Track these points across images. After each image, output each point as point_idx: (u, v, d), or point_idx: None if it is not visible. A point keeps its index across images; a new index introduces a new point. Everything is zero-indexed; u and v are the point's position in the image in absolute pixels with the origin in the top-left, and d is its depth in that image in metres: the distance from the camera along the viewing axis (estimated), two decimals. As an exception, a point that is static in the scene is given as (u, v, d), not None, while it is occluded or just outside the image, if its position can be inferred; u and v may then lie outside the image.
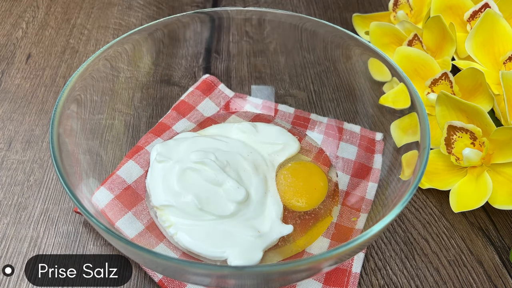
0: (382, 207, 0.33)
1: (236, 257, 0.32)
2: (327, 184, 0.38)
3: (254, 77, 0.47)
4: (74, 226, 0.36)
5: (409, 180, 0.29)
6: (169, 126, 0.42)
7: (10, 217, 0.37)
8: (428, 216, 0.38)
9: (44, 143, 0.43)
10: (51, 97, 0.48)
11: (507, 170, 0.36)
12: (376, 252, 0.36)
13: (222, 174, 0.35)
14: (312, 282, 0.33)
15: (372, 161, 0.39)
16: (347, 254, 0.26)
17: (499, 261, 0.36)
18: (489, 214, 0.39)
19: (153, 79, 0.44)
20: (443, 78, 0.40)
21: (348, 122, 0.42)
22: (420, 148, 0.30)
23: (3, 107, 0.46)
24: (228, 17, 0.43)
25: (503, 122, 0.37)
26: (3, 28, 0.56)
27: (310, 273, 0.28)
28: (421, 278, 0.34)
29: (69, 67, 0.51)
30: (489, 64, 0.40)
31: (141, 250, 0.24)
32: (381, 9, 0.57)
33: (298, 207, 0.37)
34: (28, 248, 0.35)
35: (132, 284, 0.33)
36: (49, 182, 0.40)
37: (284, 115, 0.45)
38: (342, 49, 0.40)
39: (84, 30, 0.57)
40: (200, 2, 0.63)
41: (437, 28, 0.43)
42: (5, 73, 0.50)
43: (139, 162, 0.39)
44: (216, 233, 0.34)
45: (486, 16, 0.39)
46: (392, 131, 0.37)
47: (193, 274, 0.26)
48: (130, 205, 0.36)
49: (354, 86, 0.41)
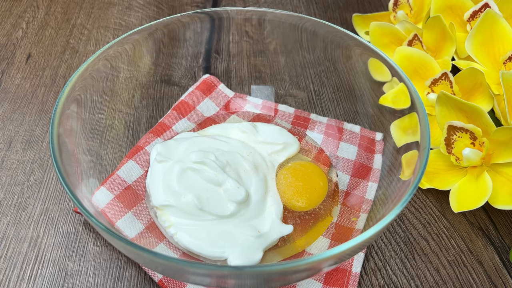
0: (382, 207, 0.33)
1: (236, 257, 0.32)
2: (327, 184, 0.38)
3: (254, 77, 0.47)
4: (74, 226, 0.36)
5: (409, 180, 0.29)
6: (169, 126, 0.42)
7: (10, 217, 0.37)
8: (428, 216, 0.38)
9: (44, 143, 0.43)
10: (51, 97, 0.48)
11: (507, 170, 0.36)
12: (376, 252, 0.36)
13: (222, 174, 0.35)
14: (312, 282, 0.33)
15: (372, 161, 0.39)
16: (347, 254, 0.26)
17: (499, 261, 0.36)
18: (489, 214, 0.39)
19: (153, 79, 0.44)
20: (443, 78, 0.40)
21: (348, 122, 0.42)
22: (420, 148, 0.30)
23: (3, 107, 0.46)
24: (228, 17, 0.43)
25: (503, 122, 0.37)
26: (3, 28, 0.56)
27: (310, 273, 0.27)
28: (421, 278, 0.34)
29: (69, 67, 0.51)
30: (489, 64, 0.40)
31: (141, 250, 0.24)
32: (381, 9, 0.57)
33: (298, 207, 0.36)
34: (28, 248, 0.35)
35: (132, 284, 0.33)
36: (49, 182, 0.40)
37: (284, 115, 0.45)
38: (342, 49, 0.40)
39: (84, 30, 0.57)
40: (200, 2, 0.63)
41: (437, 28, 0.43)
42: (5, 73, 0.50)
43: (139, 162, 0.39)
44: (216, 233, 0.34)
45: (486, 16, 0.39)
46: (392, 131, 0.37)
47: (193, 274, 0.26)
48: (130, 205, 0.36)
49: (354, 86, 0.41)
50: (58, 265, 0.34)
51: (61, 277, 0.33)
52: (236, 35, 0.46)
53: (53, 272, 0.34)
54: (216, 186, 0.35)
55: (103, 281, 0.33)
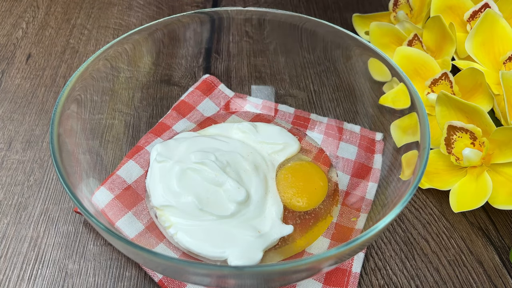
0: (382, 207, 0.33)
1: (236, 257, 0.32)
2: (327, 184, 0.38)
3: (254, 77, 0.47)
4: (74, 226, 0.36)
5: (409, 180, 0.29)
6: (169, 126, 0.42)
7: (10, 217, 0.37)
8: (428, 216, 0.38)
9: (44, 143, 0.43)
10: (51, 97, 0.48)
11: (507, 170, 0.36)
12: (376, 252, 0.36)
13: (222, 174, 0.35)
14: (312, 282, 0.33)
15: (372, 161, 0.39)
16: (347, 254, 0.26)
17: (499, 261, 0.36)
18: (489, 214, 0.39)
19: (153, 79, 0.44)
20: (443, 78, 0.40)
21: (348, 122, 0.42)
22: (420, 148, 0.30)
23: (3, 107, 0.46)
24: (228, 17, 0.43)
25: (503, 122, 0.37)
26: (3, 28, 0.56)
27: (310, 273, 0.27)
28: (421, 278, 0.34)
29: (69, 67, 0.51)
30: (489, 64, 0.40)
31: (141, 250, 0.24)
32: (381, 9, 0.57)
33: (298, 207, 0.36)
34: (28, 248, 0.35)
35: (132, 284, 0.33)
36: (49, 182, 0.40)
37: (284, 115, 0.45)
38: (342, 49, 0.40)
39: (84, 30, 0.57)
40: (200, 2, 0.63)
41: (437, 28, 0.43)
42: (5, 73, 0.50)
43: (139, 162, 0.39)
44: (216, 233, 0.34)
45: (486, 16, 0.39)
46: (392, 131, 0.37)
47: (193, 274, 0.26)
48: (130, 205, 0.36)
49: (354, 86, 0.41)
50: (58, 265, 0.34)
51: (61, 277, 0.33)
52: (236, 35, 0.46)
53: (53, 272, 0.34)
54: (216, 186, 0.35)
55: (103, 281, 0.33)
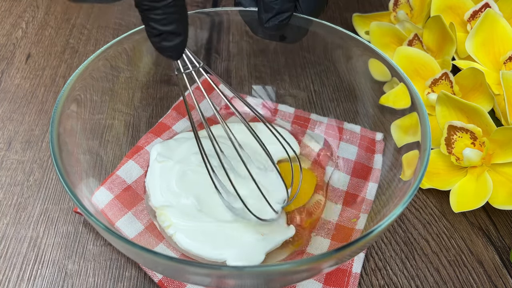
0: (383, 208, 0.33)
1: (235, 259, 0.32)
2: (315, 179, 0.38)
3: (254, 77, 0.47)
4: (74, 226, 0.36)
5: (409, 180, 0.29)
6: (169, 126, 0.42)
7: (10, 217, 0.37)
8: (428, 216, 0.38)
9: (44, 143, 0.43)
10: (51, 97, 0.47)
11: (507, 170, 0.36)
12: (376, 252, 0.36)
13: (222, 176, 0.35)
14: (312, 282, 0.33)
15: (373, 161, 0.39)
16: (348, 255, 0.26)
17: (499, 261, 0.35)
18: (489, 214, 0.39)
19: (153, 79, 0.44)
20: (443, 78, 0.40)
21: (348, 122, 0.42)
22: (421, 150, 0.30)
23: (3, 107, 0.46)
24: (228, 17, 0.43)
25: (503, 122, 0.37)
26: (3, 28, 0.56)
27: (310, 273, 0.27)
28: (421, 278, 0.34)
29: (69, 67, 0.51)
30: (489, 64, 0.40)
31: (141, 250, 0.24)
32: (381, 9, 0.56)
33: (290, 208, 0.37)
34: (28, 248, 0.35)
35: (132, 284, 0.33)
36: (49, 182, 0.40)
37: (284, 115, 0.45)
38: (342, 49, 0.40)
39: (84, 30, 0.57)
40: (200, 2, 0.63)
41: (437, 28, 0.43)
42: (5, 73, 0.50)
43: (139, 162, 0.39)
44: (216, 235, 0.33)
45: (486, 16, 0.39)
46: (393, 131, 0.37)
47: (193, 274, 0.26)
48: (130, 205, 0.36)
49: (354, 86, 0.41)
50: (58, 265, 0.34)
51: (60, 277, 0.33)
52: (236, 35, 0.46)
53: (52, 272, 0.34)
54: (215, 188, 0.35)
55: (103, 281, 0.33)
